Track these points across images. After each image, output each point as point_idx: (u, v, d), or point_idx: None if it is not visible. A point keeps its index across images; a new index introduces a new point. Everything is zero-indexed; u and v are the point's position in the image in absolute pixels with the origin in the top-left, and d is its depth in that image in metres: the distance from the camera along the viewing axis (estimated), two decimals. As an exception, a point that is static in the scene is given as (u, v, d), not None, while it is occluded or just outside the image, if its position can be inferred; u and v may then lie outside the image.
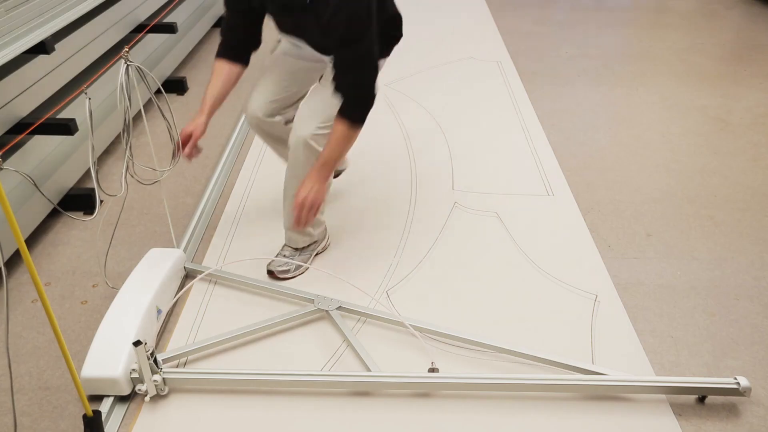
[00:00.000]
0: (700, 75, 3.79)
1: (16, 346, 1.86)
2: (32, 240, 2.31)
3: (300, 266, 2.11)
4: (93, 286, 2.10)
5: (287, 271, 2.11)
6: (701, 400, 1.65)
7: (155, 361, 1.61)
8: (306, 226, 1.86)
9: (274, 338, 1.86)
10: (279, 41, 2.11)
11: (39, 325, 1.93)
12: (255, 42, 1.97)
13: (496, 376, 1.67)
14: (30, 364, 1.79)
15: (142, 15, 3.38)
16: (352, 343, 1.79)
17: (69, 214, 1.97)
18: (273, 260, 2.11)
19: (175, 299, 1.93)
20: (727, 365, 1.77)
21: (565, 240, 2.29)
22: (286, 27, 1.95)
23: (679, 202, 2.54)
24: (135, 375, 1.63)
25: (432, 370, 1.69)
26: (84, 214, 2.46)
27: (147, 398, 1.63)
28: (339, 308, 1.91)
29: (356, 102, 1.77)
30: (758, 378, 1.72)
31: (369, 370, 1.70)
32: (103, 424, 1.53)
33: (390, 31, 1.95)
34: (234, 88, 1.96)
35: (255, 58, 2.00)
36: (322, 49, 1.93)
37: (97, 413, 1.49)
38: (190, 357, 1.79)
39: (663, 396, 1.65)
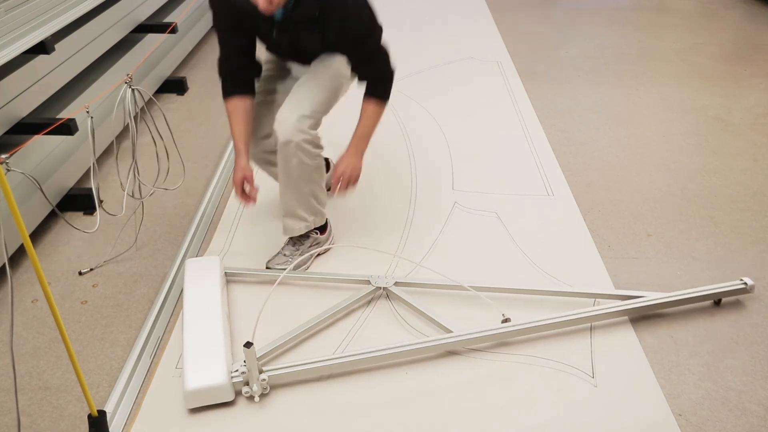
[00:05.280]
0: (700, 75, 3.80)
1: (16, 345, 1.86)
2: (32, 240, 2.31)
3: (299, 266, 2.12)
4: (93, 286, 2.10)
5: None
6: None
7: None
8: (346, 193, 2.02)
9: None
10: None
11: (39, 325, 1.93)
12: (254, 68, 2.05)
13: (565, 314, 1.83)
14: (30, 364, 1.79)
15: (142, 15, 3.38)
16: (424, 311, 1.87)
17: (71, 224, 1.98)
18: (272, 259, 2.13)
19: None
20: (727, 365, 1.77)
21: (565, 240, 2.29)
22: (280, 49, 2.03)
23: (679, 202, 2.54)
24: (237, 379, 1.63)
25: (505, 320, 1.80)
26: (84, 214, 2.47)
27: (256, 399, 1.64)
28: (396, 284, 2.00)
29: (379, 83, 1.98)
30: (758, 378, 1.72)
31: (450, 331, 1.78)
32: (108, 424, 1.53)
33: None
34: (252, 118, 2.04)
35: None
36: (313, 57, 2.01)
37: (102, 413, 1.49)
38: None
39: (662, 396, 1.66)
